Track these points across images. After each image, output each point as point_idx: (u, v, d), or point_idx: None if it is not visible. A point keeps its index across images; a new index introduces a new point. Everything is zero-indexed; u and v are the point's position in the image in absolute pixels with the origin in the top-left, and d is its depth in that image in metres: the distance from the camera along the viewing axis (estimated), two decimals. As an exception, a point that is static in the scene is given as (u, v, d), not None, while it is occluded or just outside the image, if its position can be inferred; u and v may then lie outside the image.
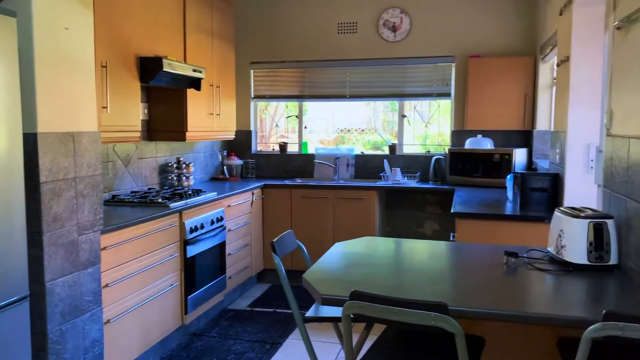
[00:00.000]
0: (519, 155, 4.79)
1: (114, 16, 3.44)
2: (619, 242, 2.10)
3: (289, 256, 5.02)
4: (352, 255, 2.38)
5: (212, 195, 4.25)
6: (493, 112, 5.05)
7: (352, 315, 1.64)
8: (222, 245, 4.33)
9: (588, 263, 2.07)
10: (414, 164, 5.52)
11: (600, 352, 1.51)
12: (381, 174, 5.39)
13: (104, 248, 2.94)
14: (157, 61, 3.75)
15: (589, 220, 2.08)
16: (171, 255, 3.63)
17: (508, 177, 4.07)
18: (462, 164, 4.98)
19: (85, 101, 2.77)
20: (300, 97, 5.80)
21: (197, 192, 4.21)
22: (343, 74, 5.63)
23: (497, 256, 2.31)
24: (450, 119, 5.48)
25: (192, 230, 3.85)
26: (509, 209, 3.64)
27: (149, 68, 3.77)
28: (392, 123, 5.88)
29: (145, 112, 4.39)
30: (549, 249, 2.31)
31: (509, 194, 4.02)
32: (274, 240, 2.34)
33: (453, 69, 5.36)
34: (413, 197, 5.53)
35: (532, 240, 3.32)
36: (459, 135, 5.39)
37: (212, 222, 4.16)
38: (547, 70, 4.78)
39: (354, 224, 5.06)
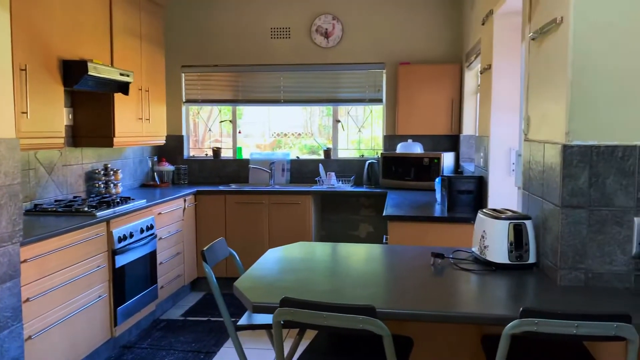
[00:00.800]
0: (447, 159, 4.96)
1: (34, 17, 3.29)
2: (536, 241, 2.22)
3: (224, 263, 4.97)
4: (286, 260, 2.38)
5: (141, 202, 4.13)
6: (422, 118, 5.21)
7: (282, 322, 1.64)
8: (152, 254, 4.22)
9: (509, 262, 2.17)
10: (348, 168, 5.60)
11: (520, 347, 1.59)
12: (316, 179, 5.43)
13: (24, 260, 2.79)
14: (81, 65, 3.61)
15: (509, 221, 2.19)
16: (98, 266, 3.50)
17: (437, 180, 4.20)
18: (394, 168, 5.10)
19: (1, 106, 2.63)
20: (233, 102, 5.75)
21: (126, 200, 4.08)
22: (277, 78, 5.64)
23: (425, 258, 2.38)
24: (383, 124, 5.60)
25: (120, 240, 3.72)
26: (437, 211, 3.76)
27: (73, 72, 3.62)
28: (328, 127, 5.94)
29: (70, 117, 4.21)
30: (473, 249, 2.40)
31: (438, 196, 4.15)
32: (204, 249, 2.30)
33: (384, 76, 5.49)
34: (348, 200, 5.60)
35: (460, 241, 3.44)
36: (390, 140, 5.51)
37: (142, 231, 4.04)
38: (472, 77, 4.98)
39: (289, 229, 5.06)
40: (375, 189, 5.14)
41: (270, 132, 6.05)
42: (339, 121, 5.69)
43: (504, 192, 3.35)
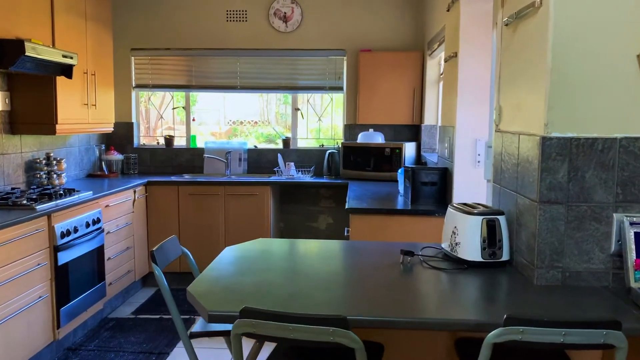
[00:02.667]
0: (409, 149, 4.86)
1: (-39, -11, 2.95)
2: (510, 238, 2.12)
3: (178, 258, 4.75)
4: (244, 260, 2.20)
5: (87, 194, 3.85)
6: (383, 107, 5.08)
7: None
8: (100, 249, 3.95)
9: (482, 260, 2.06)
10: (307, 158, 5.43)
11: (499, 353, 1.47)
12: (275, 169, 5.23)
13: (-50, 261, 2.51)
14: (17, 44, 3.29)
15: (482, 216, 2.07)
16: (39, 264, 3.22)
17: (399, 171, 4.09)
18: (354, 158, 4.97)
19: None
20: (187, 87, 5.47)
21: (70, 192, 3.78)
22: (233, 63, 5.39)
23: (392, 254, 2.25)
24: (343, 112, 5.45)
25: (63, 235, 3.44)
26: (400, 203, 3.65)
27: (8, 52, 3.30)
28: (285, 116, 5.75)
29: (7, 101, 3.87)
30: (443, 245, 2.28)
31: (400, 187, 4.04)
32: (154, 249, 2.09)
33: (345, 63, 5.33)
34: (307, 191, 5.44)
35: (424, 235, 3.34)
36: (351, 129, 5.37)
37: (88, 225, 3.76)
38: (434, 66, 4.88)
39: (247, 222, 4.86)
40: (335, 180, 4.99)
41: (225, 120, 5.81)
42: (298, 109, 5.50)
43: (469, 185, 3.25)
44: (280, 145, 5.53)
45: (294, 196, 5.43)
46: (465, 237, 2.08)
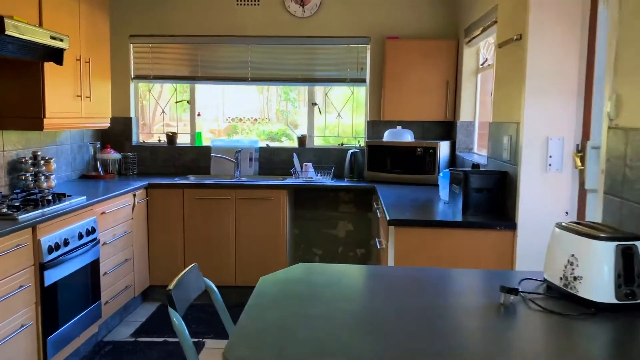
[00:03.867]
0: (443, 149, 4.32)
1: None
2: (647, 270, 1.58)
3: (181, 267, 4.23)
4: (289, 299, 1.65)
5: (80, 200, 3.29)
6: (412, 101, 4.54)
7: None
8: (94, 264, 3.39)
9: (616, 302, 1.53)
10: (325, 159, 4.88)
11: None
12: (291, 170, 4.68)
13: None
14: (-4, 21, 2.73)
15: (615, 242, 1.54)
16: (21, 287, 2.66)
17: (442, 174, 3.55)
18: (381, 159, 4.42)
19: None
20: (192, 79, 4.91)
21: (60, 197, 3.22)
22: (243, 53, 4.83)
23: (480, 288, 1.72)
24: (366, 108, 4.90)
25: (51, 250, 2.89)
26: (448, 213, 3.11)
27: (-16, 30, 2.74)
28: (286, 113, 5.26)
29: (-15, 91, 3.30)
30: (547, 276, 1.74)
31: (443, 193, 3.51)
32: (171, 287, 1.54)
33: (368, 52, 4.78)
34: (324, 195, 4.90)
35: (482, 253, 2.81)
36: (374, 126, 4.82)
37: (81, 236, 3.21)
38: (472, 55, 4.35)
39: (260, 230, 4.31)
40: (359, 183, 4.44)
41: (224, 117, 5.26)
42: (315, 104, 4.95)
43: (539, 193, 2.72)
44: (294, 144, 4.98)
45: (309, 200, 4.89)
46: (590, 269, 1.55)
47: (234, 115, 5.21)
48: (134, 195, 4.05)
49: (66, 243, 3.03)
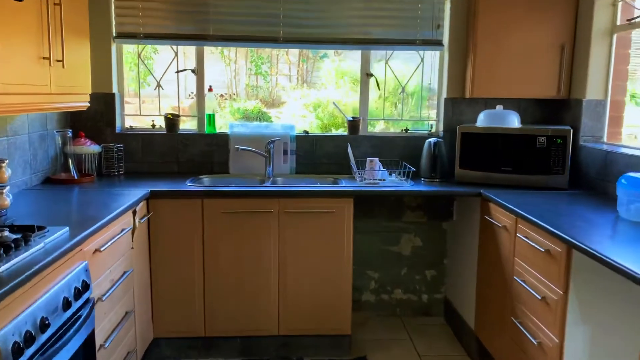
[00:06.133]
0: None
1: None
2: None
3: (193, 310, 2.90)
4: None
5: (60, 236, 1.89)
6: (512, 72, 3.31)
7: None
8: (89, 341, 2.01)
9: None
10: (387, 151, 3.59)
11: None
12: (354, 169, 3.35)
13: None
14: None
15: None
16: None
17: (621, 179, 2.36)
18: (479, 152, 3.18)
19: None
20: (200, 39, 3.48)
21: (26, 238, 1.80)
22: (273, 3, 3.44)
23: None
24: (440, 81, 3.63)
25: (16, 351, 1.50)
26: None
27: None
28: (256, 88, 4.13)
29: None
30: None
31: (625, 210, 2.33)
32: None
33: (448, 3, 3.49)
34: (384, 199, 3.63)
35: None
36: (456, 106, 3.56)
37: (68, 304, 1.82)
38: (605, 7, 3.13)
39: (316, 257, 3.02)
40: (452, 188, 3.16)
41: (186, 92, 3.91)
42: (371, 75, 3.63)
43: None
44: (342, 131, 3.68)
45: (365, 206, 3.60)
46: None
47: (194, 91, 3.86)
48: (134, 213, 2.65)
49: (44, 325, 1.64)
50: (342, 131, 3.81)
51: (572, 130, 3.01)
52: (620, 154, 2.82)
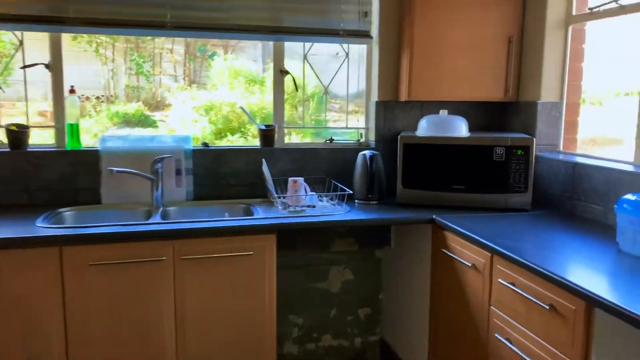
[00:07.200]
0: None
1: None
2: None
3: None
4: None
5: None
6: (453, 71, 2.77)
7: None
8: None
9: None
10: (311, 165, 2.90)
11: None
12: (273, 193, 2.60)
13: None
14: None
15: None
16: None
17: (619, 203, 1.86)
18: (425, 168, 2.59)
19: None
20: (54, 22, 2.55)
21: None
22: (158, -23, 2.62)
23: None
24: (369, 81, 3.00)
25: None
26: None
27: None
28: (138, 90, 3.42)
29: None
30: None
31: (625, 241, 1.83)
32: None
33: (377, -13, 2.88)
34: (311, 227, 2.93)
35: None
36: (388, 110, 2.95)
37: None
38: (559, -5, 2.69)
39: (232, 317, 2.25)
40: (394, 213, 2.52)
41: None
42: (286, 72, 2.91)
43: None
44: (250, 138, 2.94)
45: (285, 235, 2.88)
46: None
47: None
48: (-54, 280, 1.72)
49: None
50: (240, 136, 3.08)
51: (534, 140, 2.50)
52: (594, 167, 2.35)
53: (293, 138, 3.05)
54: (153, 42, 3.50)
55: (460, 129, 2.65)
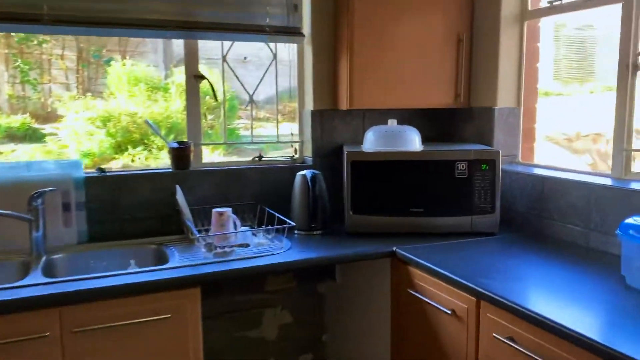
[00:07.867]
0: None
1: None
2: None
3: None
4: None
5: None
6: (397, 75, 2.39)
7: None
8: None
9: None
10: (236, 190, 2.39)
11: None
12: (193, 230, 2.05)
13: None
14: None
15: None
16: None
17: (629, 229, 1.55)
18: (378, 188, 2.18)
19: None
20: None
21: None
22: (27, -45, 2.01)
23: None
24: (301, 86, 2.55)
25: None
26: None
27: None
28: (23, 100, 2.80)
29: None
30: None
31: (634, 276, 1.53)
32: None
33: (308, -24, 2.43)
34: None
35: None
36: (326, 120, 2.51)
37: None
38: (514, -12, 2.39)
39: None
40: (346, 248, 2.08)
41: None
42: (201, 77, 2.39)
43: None
44: (157, 155, 2.38)
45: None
46: None
47: None
48: None
49: None
50: (143, 149, 2.54)
51: (500, 152, 2.17)
52: (570, 181, 2.05)
53: (210, 155, 2.53)
54: (40, 47, 2.88)
55: (413, 141, 2.26)
